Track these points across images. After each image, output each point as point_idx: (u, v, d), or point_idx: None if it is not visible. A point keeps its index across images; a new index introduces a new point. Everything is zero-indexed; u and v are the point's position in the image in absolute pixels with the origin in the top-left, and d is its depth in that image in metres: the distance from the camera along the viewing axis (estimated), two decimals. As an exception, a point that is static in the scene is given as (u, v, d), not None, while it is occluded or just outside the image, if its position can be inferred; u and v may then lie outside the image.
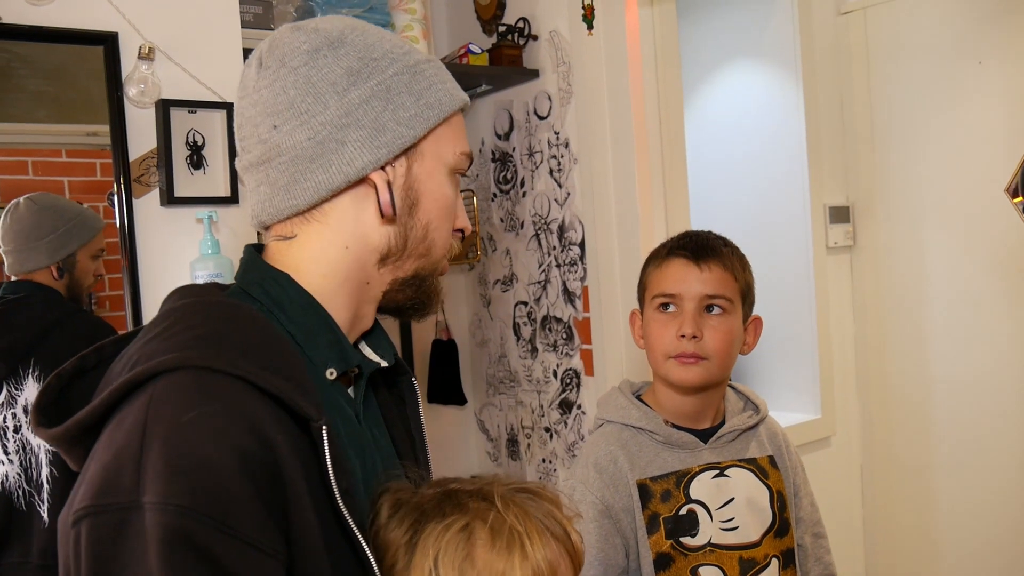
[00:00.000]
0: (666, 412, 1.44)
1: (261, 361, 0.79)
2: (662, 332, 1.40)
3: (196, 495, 0.69)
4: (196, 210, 1.80)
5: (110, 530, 0.70)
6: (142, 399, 0.75)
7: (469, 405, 2.72)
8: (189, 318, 0.83)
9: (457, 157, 0.96)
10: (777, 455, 1.49)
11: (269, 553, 0.72)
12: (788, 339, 2.63)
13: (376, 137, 0.89)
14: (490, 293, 2.62)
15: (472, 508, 0.85)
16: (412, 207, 0.93)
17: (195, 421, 0.72)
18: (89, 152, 1.93)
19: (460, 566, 0.82)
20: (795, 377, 2.63)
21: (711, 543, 1.38)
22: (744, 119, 2.72)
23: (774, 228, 2.65)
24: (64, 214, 1.83)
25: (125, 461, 0.71)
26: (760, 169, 2.69)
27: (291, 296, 0.90)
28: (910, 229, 2.56)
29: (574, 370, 2.33)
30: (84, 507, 0.71)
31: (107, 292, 1.94)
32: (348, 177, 0.89)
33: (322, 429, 0.78)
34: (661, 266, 1.43)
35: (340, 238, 0.92)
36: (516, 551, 0.83)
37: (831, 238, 2.62)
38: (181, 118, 1.78)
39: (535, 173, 2.41)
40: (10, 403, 1.76)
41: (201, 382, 0.75)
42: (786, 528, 1.44)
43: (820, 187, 2.60)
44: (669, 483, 1.39)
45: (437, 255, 0.96)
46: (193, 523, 0.68)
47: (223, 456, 0.71)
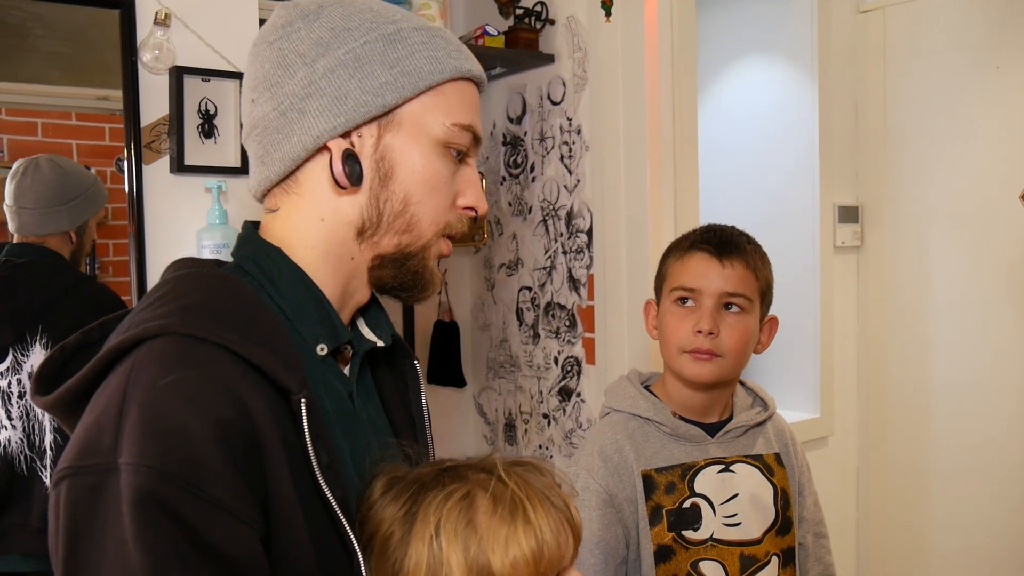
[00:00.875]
0: (674, 404, 1.43)
1: (245, 332, 0.79)
2: (678, 325, 1.38)
3: (168, 458, 0.69)
4: (205, 179, 1.79)
5: (87, 491, 0.70)
6: (126, 365, 0.75)
7: (468, 388, 2.72)
8: (179, 288, 0.83)
9: (447, 129, 0.91)
10: (783, 453, 1.48)
11: (242, 519, 0.72)
12: (791, 337, 2.62)
13: (337, 105, 0.87)
14: (495, 277, 2.61)
15: (472, 478, 0.85)
16: (385, 178, 0.90)
17: (172, 385, 0.72)
18: (99, 116, 1.92)
19: (463, 532, 0.81)
20: (796, 375, 2.63)
21: (713, 538, 1.37)
22: (758, 114, 2.71)
23: (782, 225, 2.64)
24: (86, 179, 1.84)
25: (105, 424, 0.72)
26: (771, 165, 2.68)
27: (282, 270, 0.89)
28: (918, 232, 2.56)
29: (575, 358, 2.33)
30: (64, 468, 0.72)
31: (111, 257, 1.94)
32: (306, 145, 0.88)
33: (301, 402, 0.78)
34: (683, 259, 1.41)
35: (315, 210, 0.91)
36: (519, 517, 0.82)
37: (839, 238, 2.61)
38: (194, 86, 1.77)
39: (546, 158, 2.40)
40: (16, 368, 1.76)
41: (182, 348, 0.75)
42: (788, 526, 1.43)
43: (830, 186, 2.59)
44: (674, 475, 1.38)
45: (423, 231, 0.92)
46: (164, 485, 0.68)
47: (198, 421, 0.71)
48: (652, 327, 1.48)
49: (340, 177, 0.88)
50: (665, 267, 1.45)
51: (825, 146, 2.57)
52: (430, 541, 0.81)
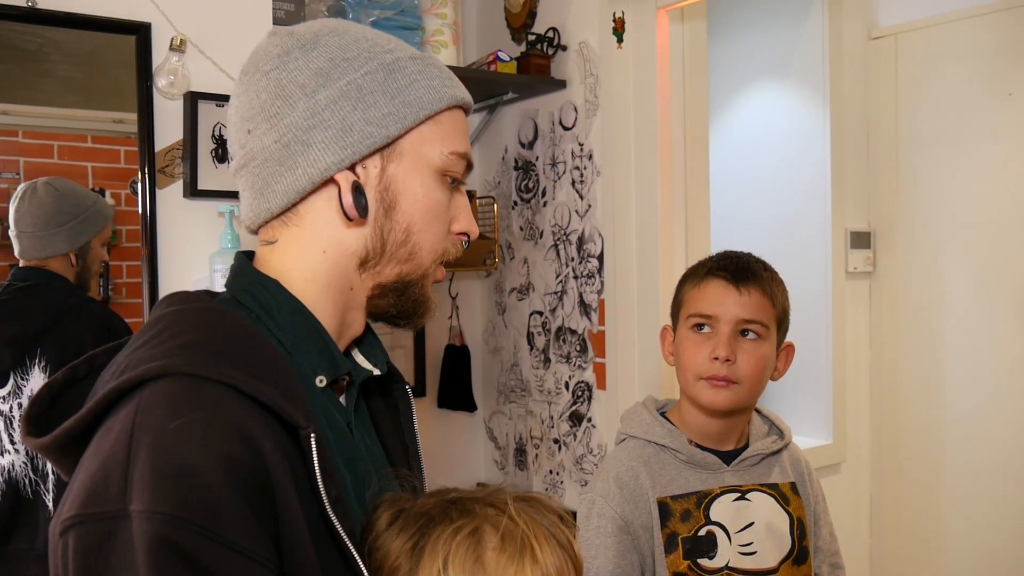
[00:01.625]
0: (690, 431, 1.42)
1: (249, 368, 0.77)
2: (695, 352, 1.38)
3: (183, 503, 0.68)
4: (218, 203, 1.80)
5: (97, 539, 0.69)
6: (129, 407, 0.74)
7: (479, 412, 2.71)
8: (176, 325, 0.82)
9: (445, 158, 0.91)
10: (799, 482, 1.47)
11: (259, 561, 0.71)
12: (803, 363, 2.60)
13: (342, 138, 0.87)
14: (506, 301, 2.61)
15: (480, 514, 0.85)
16: (389, 209, 0.89)
17: (182, 428, 0.71)
18: (114, 139, 1.94)
19: (471, 569, 0.81)
20: (808, 401, 2.61)
21: (728, 566, 1.36)
22: (769, 139, 2.71)
23: (794, 250, 2.63)
24: (84, 200, 1.83)
25: (112, 469, 0.70)
26: (783, 190, 2.67)
27: (280, 302, 0.88)
28: (931, 258, 2.54)
29: (586, 383, 2.32)
30: (71, 516, 0.70)
31: (124, 279, 1.95)
32: (312, 178, 0.87)
33: (310, 437, 0.77)
34: (699, 285, 1.41)
35: (317, 242, 0.90)
36: (527, 556, 0.82)
37: (851, 263, 2.60)
38: (208, 111, 1.79)
39: (557, 183, 2.41)
40: (16, 392, 1.76)
41: (188, 389, 0.74)
42: (804, 556, 1.42)
43: (842, 211, 2.59)
44: (690, 503, 1.37)
45: (423, 259, 0.92)
46: (180, 531, 0.67)
47: (210, 463, 0.70)
48: (668, 353, 1.48)
49: (350, 210, 0.87)
50: (682, 293, 1.45)
51: (837, 171, 2.57)
52: (437, 574, 0.81)
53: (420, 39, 2.24)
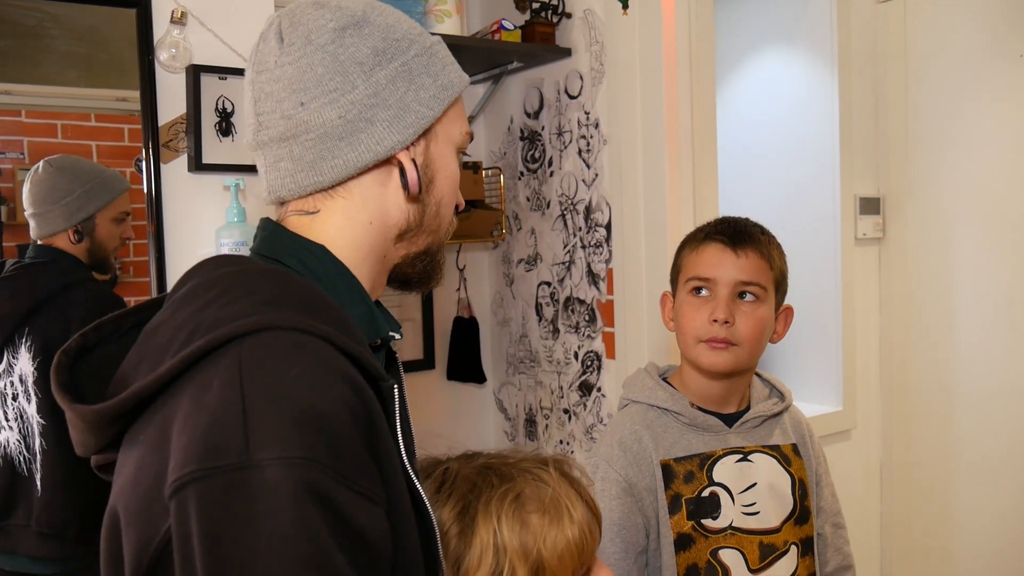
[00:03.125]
0: (692, 395, 1.45)
1: (334, 323, 0.81)
2: (694, 315, 1.41)
3: (316, 447, 0.70)
4: (223, 177, 1.80)
5: (223, 492, 0.69)
6: (227, 362, 0.74)
7: (488, 384, 2.72)
8: (243, 285, 0.83)
9: (462, 136, 1.00)
10: (800, 443, 1.49)
11: (376, 501, 0.75)
12: (813, 330, 2.60)
13: (402, 117, 0.92)
14: (513, 272, 2.61)
15: (520, 479, 0.97)
16: (429, 185, 0.96)
17: (299, 377, 0.73)
18: (118, 117, 1.93)
19: (519, 530, 0.94)
20: (818, 368, 2.61)
21: (732, 526, 1.39)
22: (777, 106, 2.69)
23: (803, 217, 2.61)
24: (81, 176, 1.82)
25: (227, 422, 0.71)
26: (791, 157, 2.65)
27: (326, 267, 0.92)
28: (941, 223, 2.52)
29: (595, 352, 2.32)
30: (187, 473, 0.70)
31: (131, 258, 1.95)
32: (377, 156, 0.91)
33: (394, 387, 0.83)
34: (697, 249, 1.43)
35: (364, 214, 0.94)
36: (565, 517, 0.95)
37: (860, 229, 2.59)
38: (211, 84, 1.78)
39: (563, 153, 2.39)
40: (8, 371, 1.77)
41: (293, 341, 0.76)
42: (806, 516, 1.45)
43: (851, 177, 2.57)
44: (692, 465, 1.40)
45: (444, 230, 1.00)
46: (318, 474, 0.69)
47: (334, 408, 0.73)
48: (668, 319, 1.50)
49: (413, 187, 0.93)
50: (680, 259, 1.47)
51: (846, 137, 2.54)
52: (494, 532, 0.94)
53: (423, 8, 2.22)
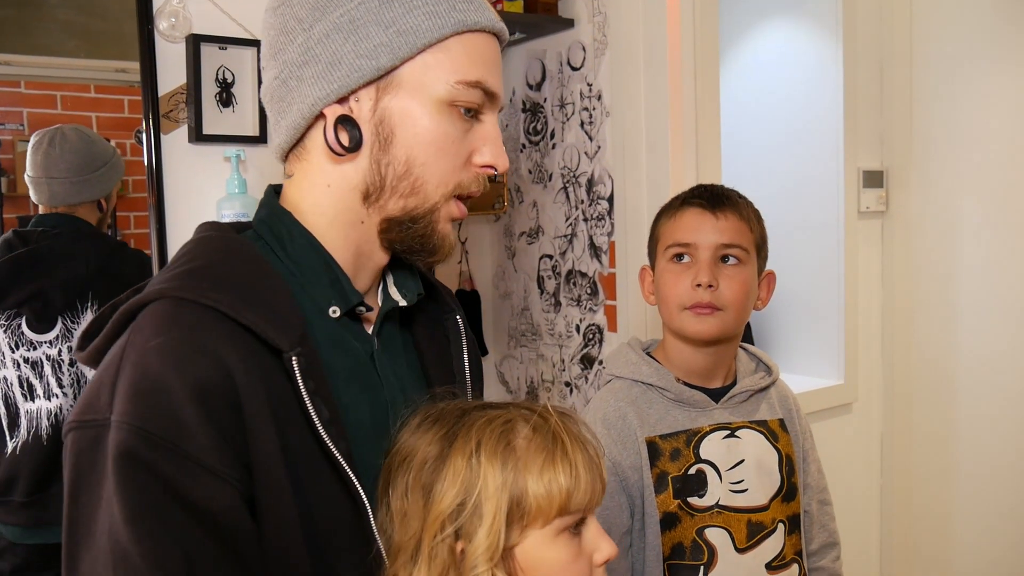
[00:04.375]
0: (677, 369, 1.40)
1: (241, 294, 0.81)
2: (675, 282, 1.36)
3: (150, 416, 0.73)
4: (224, 148, 1.79)
5: (87, 444, 0.75)
6: (130, 327, 0.80)
7: (490, 357, 2.72)
8: (192, 252, 0.87)
9: (452, 88, 0.87)
10: (787, 418, 1.46)
11: (221, 477, 0.75)
12: (815, 302, 2.60)
13: (330, 72, 0.86)
14: (515, 245, 2.60)
15: (515, 411, 0.88)
16: (386, 142, 0.88)
17: (159, 347, 0.76)
18: (118, 88, 1.92)
19: (502, 452, 0.84)
20: (820, 341, 2.61)
21: (719, 504, 1.35)
22: (781, 77, 2.67)
23: (806, 190, 2.60)
24: (108, 148, 1.86)
25: (104, 382, 0.77)
26: (795, 129, 2.64)
27: (292, 234, 0.91)
28: (944, 196, 2.51)
29: (597, 325, 2.32)
30: (71, 421, 0.78)
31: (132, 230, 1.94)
32: (303, 113, 0.88)
33: (292, 359, 0.80)
34: (675, 216, 1.39)
35: (322, 176, 0.91)
36: (558, 450, 0.85)
37: (863, 202, 2.57)
38: (211, 54, 1.76)
39: (566, 125, 2.38)
40: (66, 336, 1.78)
41: (172, 311, 0.79)
42: (793, 493, 1.41)
43: (855, 150, 2.55)
44: (679, 441, 1.36)
45: (429, 194, 0.90)
46: (145, 443, 0.73)
47: (180, 382, 0.74)
48: (649, 292, 1.45)
49: (333, 144, 0.88)
50: (658, 228, 1.43)
51: (850, 110, 2.53)
52: (470, 455, 0.84)
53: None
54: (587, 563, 0.88)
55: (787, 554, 1.39)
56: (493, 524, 0.82)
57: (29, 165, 1.81)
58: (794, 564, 1.40)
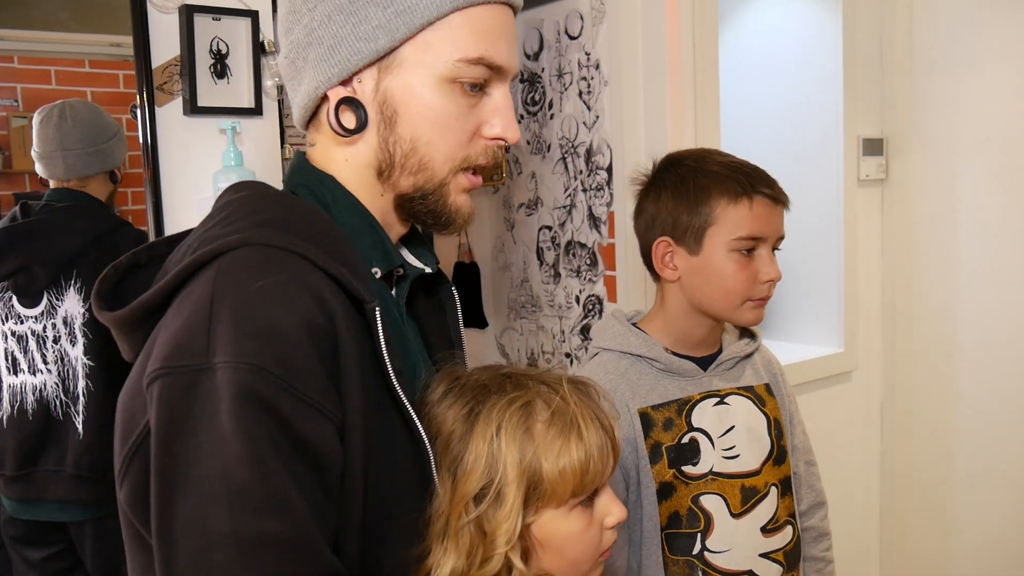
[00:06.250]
0: (668, 339, 1.41)
1: (321, 245, 0.82)
2: (741, 274, 1.33)
3: (264, 355, 0.73)
4: (219, 120, 1.78)
5: (181, 390, 0.73)
6: (209, 274, 0.78)
7: (490, 329, 2.72)
8: (249, 206, 0.86)
9: (453, 66, 0.88)
10: (773, 383, 1.48)
11: (327, 416, 0.76)
12: (815, 271, 2.59)
13: (332, 54, 0.88)
14: (514, 216, 2.59)
15: (534, 389, 0.92)
16: (390, 121, 0.90)
17: (262, 289, 0.76)
18: (112, 63, 1.91)
19: (520, 437, 0.88)
20: (820, 310, 2.60)
21: (713, 471, 1.36)
22: (780, 44, 2.65)
23: (806, 158, 2.59)
24: (113, 120, 1.85)
25: (195, 327, 0.75)
26: (794, 97, 2.62)
27: (336, 196, 0.92)
28: (945, 164, 2.50)
29: (597, 296, 2.32)
30: (156, 369, 0.75)
31: (129, 206, 1.94)
32: (310, 95, 0.91)
33: (375, 310, 0.82)
34: (743, 205, 1.32)
35: (338, 152, 0.93)
36: (573, 433, 0.89)
37: (863, 170, 2.56)
38: (205, 25, 1.75)
39: (564, 95, 2.36)
40: (50, 313, 1.77)
41: (267, 256, 0.79)
42: (783, 456, 1.44)
43: (855, 118, 2.54)
44: (671, 411, 1.37)
45: (437, 170, 0.92)
46: (262, 380, 0.72)
47: (290, 321, 0.75)
48: (671, 267, 1.39)
49: (335, 127, 0.90)
50: (714, 212, 1.34)
51: (849, 77, 2.51)
52: (491, 440, 0.88)
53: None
54: (598, 529, 0.94)
55: (781, 516, 1.41)
56: (512, 509, 0.87)
57: (38, 140, 1.80)
58: (788, 526, 1.42)
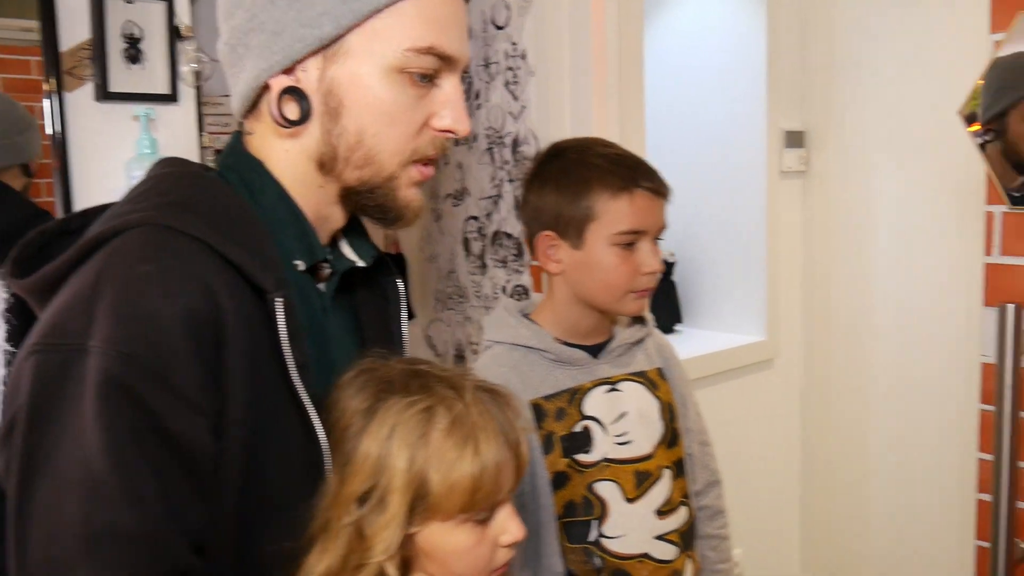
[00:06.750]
0: (560, 329, 1.42)
1: (225, 230, 0.79)
2: (622, 267, 1.35)
3: (138, 343, 0.71)
4: (133, 107, 1.72)
5: (55, 367, 0.72)
6: (104, 252, 0.76)
7: (417, 321, 2.70)
8: (162, 185, 0.84)
9: (402, 55, 0.84)
10: (665, 367, 1.50)
11: (198, 409, 0.74)
12: (738, 261, 2.64)
13: (274, 41, 0.84)
14: (441, 207, 2.57)
15: (439, 393, 0.87)
16: (335, 113, 0.86)
17: (148, 274, 0.74)
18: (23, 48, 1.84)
19: (414, 443, 0.84)
20: (742, 298, 2.65)
21: (606, 458, 1.38)
22: (706, 40, 2.68)
23: (730, 150, 2.63)
24: (26, 112, 1.77)
25: (77, 306, 0.74)
26: (719, 89, 2.65)
27: (264, 184, 0.89)
28: (861, 157, 2.56)
29: (523, 286, 2.31)
30: (35, 343, 0.74)
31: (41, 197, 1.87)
32: (250, 84, 0.87)
33: (275, 300, 0.79)
34: (623, 199, 1.34)
35: (279, 142, 0.90)
36: (470, 446, 0.85)
37: (785, 163, 2.61)
38: (116, 8, 1.69)
39: (490, 85, 2.35)
40: None
41: (161, 239, 0.76)
42: (676, 439, 1.46)
43: (778, 111, 2.58)
44: (562, 401, 1.38)
45: (384, 164, 0.88)
46: (131, 369, 0.71)
47: (170, 309, 0.73)
48: (554, 260, 1.40)
49: (277, 118, 0.86)
50: (595, 206, 1.35)
51: (774, 70, 2.55)
52: (383, 441, 0.84)
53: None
54: (491, 546, 0.90)
55: (675, 498, 1.43)
56: (393, 517, 0.83)
57: None
58: (683, 507, 1.45)
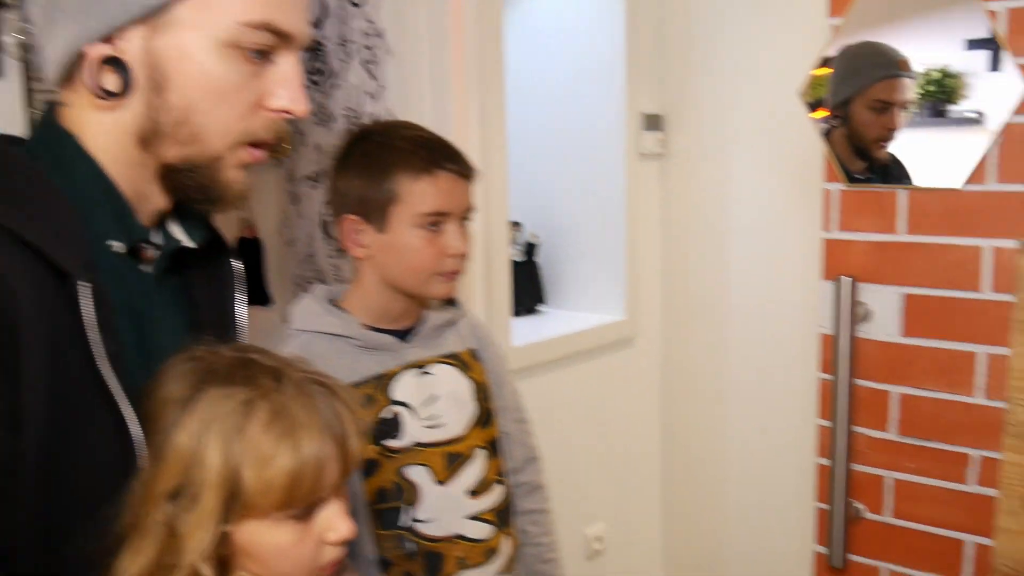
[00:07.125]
0: (370, 314, 1.42)
1: (27, 211, 0.74)
2: (427, 249, 1.36)
3: None
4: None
5: None
6: None
7: (276, 306, 2.62)
8: None
9: (235, 28, 0.81)
10: (480, 347, 1.52)
11: None
12: (599, 242, 2.67)
13: (93, 5, 0.78)
14: (299, 190, 2.50)
15: (262, 385, 0.84)
16: (160, 87, 0.81)
17: None
18: None
19: (230, 437, 0.81)
20: (604, 279, 2.69)
21: (416, 443, 1.39)
22: (566, 23, 2.69)
23: (590, 132, 2.65)
24: None
25: None
26: (578, 74, 2.67)
27: (75, 161, 0.83)
28: (718, 141, 2.63)
29: (385, 271, 2.28)
30: None
31: None
32: (63, 51, 0.81)
33: (78, 286, 0.74)
34: (425, 181, 1.36)
35: (95, 115, 0.84)
36: (287, 441, 0.83)
37: (643, 145, 2.66)
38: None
39: (348, 65, 2.29)
40: None
41: None
42: (489, 418, 1.48)
43: (637, 95, 2.62)
44: (370, 388, 1.38)
45: (211, 143, 0.85)
46: None
47: None
48: (358, 244, 1.41)
49: (94, 89, 0.80)
50: (397, 188, 1.36)
51: (632, 54, 2.59)
52: (197, 435, 0.81)
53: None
54: (315, 544, 0.88)
55: (490, 477, 1.45)
56: (206, 516, 0.80)
57: None
58: (497, 486, 1.47)
